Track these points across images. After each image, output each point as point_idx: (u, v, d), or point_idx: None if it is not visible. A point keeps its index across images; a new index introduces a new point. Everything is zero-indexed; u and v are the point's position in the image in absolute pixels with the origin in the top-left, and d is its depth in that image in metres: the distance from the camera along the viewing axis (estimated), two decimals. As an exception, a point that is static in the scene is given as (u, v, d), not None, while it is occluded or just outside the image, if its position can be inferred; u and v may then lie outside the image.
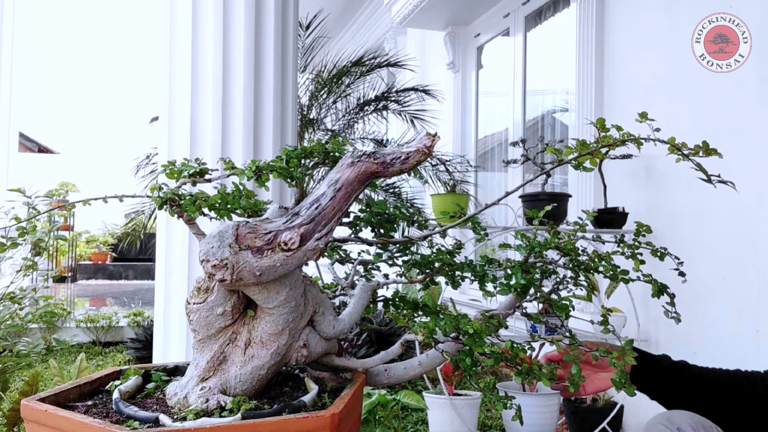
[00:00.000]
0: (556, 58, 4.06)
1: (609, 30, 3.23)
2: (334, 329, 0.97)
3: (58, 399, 0.87)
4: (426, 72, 5.32)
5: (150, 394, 0.93)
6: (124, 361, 4.66)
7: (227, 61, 2.01)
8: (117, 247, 11.58)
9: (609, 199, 2.90)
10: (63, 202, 6.67)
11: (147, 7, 8.36)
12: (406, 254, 1.08)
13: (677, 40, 2.70)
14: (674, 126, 2.54)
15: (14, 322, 2.40)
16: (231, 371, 0.88)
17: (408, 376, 1.05)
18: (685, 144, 1.15)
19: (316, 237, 0.83)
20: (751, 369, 1.28)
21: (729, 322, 2.39)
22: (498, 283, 1.06)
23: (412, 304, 1.10)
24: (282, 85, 2.13)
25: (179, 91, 2.02)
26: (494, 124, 4.95)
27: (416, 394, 2.34)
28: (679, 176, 2.66)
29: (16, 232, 1.06)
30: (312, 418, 0.78)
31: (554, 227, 1.15)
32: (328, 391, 0.93)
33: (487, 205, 1.18)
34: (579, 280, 1.13)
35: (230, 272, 0.80)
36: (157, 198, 0.93)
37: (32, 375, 2.34)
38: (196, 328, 0.89)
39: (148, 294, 7.58)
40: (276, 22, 2.09)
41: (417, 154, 0.85)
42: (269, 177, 1.01)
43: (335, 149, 1.04)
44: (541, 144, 3.29)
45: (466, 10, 4.86)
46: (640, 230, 1.20)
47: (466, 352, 0.93)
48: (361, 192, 0.88)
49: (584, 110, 3.29)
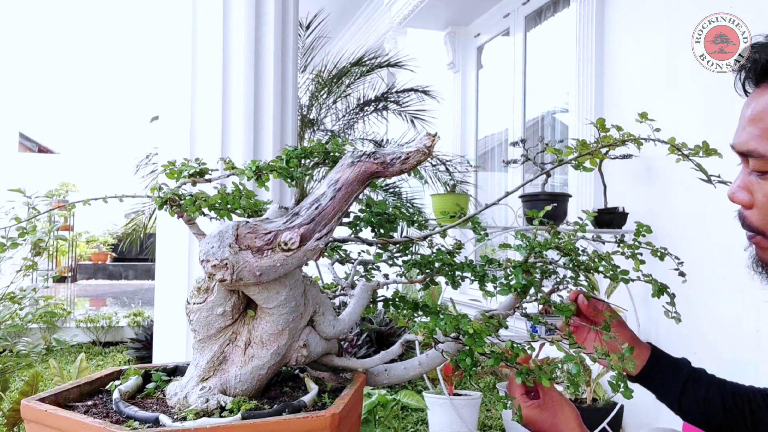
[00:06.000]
0: (556, 58, 4.06)
1: (609, 30, 3.23)
2: (334, 329, 0.97)
3: (58, 399, 0.87)
4: (426, 72, 5.33)
5: (150, 394, 0.93)
6: (124, 361, 4.66)
7: (227, 60, 2.01)
8: (117, 247, 11.59)
9: (609, 199, 2.90)
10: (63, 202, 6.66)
11: (147, 7, 8.36)
12: (406, 254, 1.08)
13: (677, 40, 2.70)
14: (674, 126, 2.54)
15: (14, 322, 2.41)
16: (231, 371, 0.88)
17: (408, 376, 1.05)
18: (685, 144, 1.15)
19: (316, 237, 0.83)
20: (750, 369, 1.26)
21: (729, 322, 2.39)
22: (498, 283, 1.06)
23: (412, 304, 1.10)
24: (282, 85, 2.13)
25: (179, 91, 2.02)
26: (494, 124, 4.95)
27: (416, 394, 2.34)
28: (679, 176, 2.66)
29: (16, 232, 1.06)
30: (312, 418, 0.78)
31: (554, 227, 1.15)
32: (328, 391, 0.93)
33: (487, 205, 1.18)
34: (579, 280, 1.13)
35: (230, 272, 0.80)
36: (157, 198, 0.93)
37: (32, 375, 2.34)
38: (196, 328, 0.89)
39: (148, 294, 7.58)
40: (276, 22, 2.09)
41: (417, 154, 0.85)
42: (269, 177, 1.01)
43: (335, 149, 1.04)
44: (541, 144, 3.29)
45: (466, 10, 4.86)
46: (640, 230, 1.20)
47: (466, 352, 0.93)
48: (361, 192, 0.88)
49: (584, 110, 3.29)
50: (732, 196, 0.96)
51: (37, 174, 11.86)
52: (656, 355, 1.21)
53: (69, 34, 11.50)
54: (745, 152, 0.93)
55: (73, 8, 9.18)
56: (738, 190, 0.96)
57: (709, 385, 1.17)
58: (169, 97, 2.05)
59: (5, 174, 9.06)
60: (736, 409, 1.14)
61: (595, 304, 1.19)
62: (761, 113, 0.90)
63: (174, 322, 1.97)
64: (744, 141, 0.92)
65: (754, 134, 0.90)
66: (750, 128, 0.91)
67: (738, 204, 0.96)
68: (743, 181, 0.95)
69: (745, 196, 0.94)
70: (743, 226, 0.97)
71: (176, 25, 2.04)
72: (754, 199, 0.93)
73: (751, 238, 0.97)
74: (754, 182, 0.93)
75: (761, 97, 0.91)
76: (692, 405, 1.16)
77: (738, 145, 0.94)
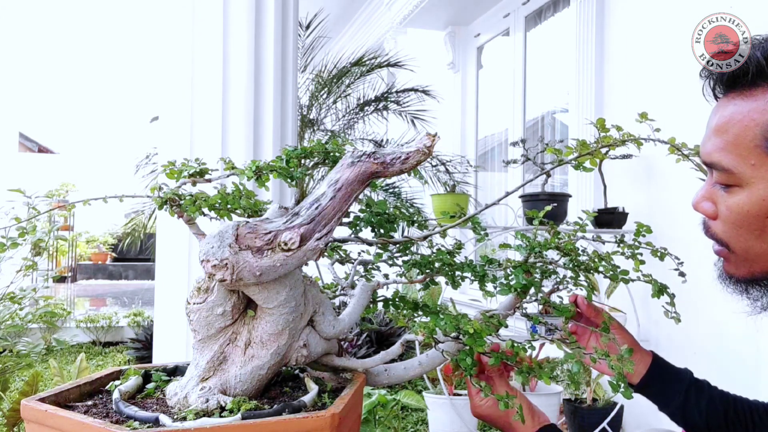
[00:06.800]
0: (555, 58, 4.06)
1: (609, 30, 3.23)
2: (334, 329, 0.97)
3: (58, 399, 0.87)
4: (426, 72, 5.32)
5: (150, 394, 0.93)
6: (124, 361, 4.66)
7: (227, 60, 2.01)
8: (117, 247, 11.59)
9: (609, 199, 2.90)
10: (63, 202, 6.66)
11: (147, 7, 8.37)
12: (406, 254, 1.08)
13: (677, 40, 2.69)
14: (674, 126, 2.54)
15: (14, 322, 2.40)
16: (231, 371, 0.88)
17: (408, 376, 1.05)
18: (685, 144, 1.15)
19: (316, 237, 0.83)
20: (750, 370, 1.26)
21: (729, 322, 2.39)
22: (498, 283, 1.06)
23: (412, 304, 1.10)
24: (282, 85, 2.13)
25: (179, 91, 2.02)
26: (494, 124, 4.94)
27: (416, 394, 2.34)
28: (679, 176, 2.66)
29: (16, 232, 1.06)
30: (312, 418, 0.78)
31: (554, 227, 1.15)
32: (328, 391, 0.93)
33: (487, 205, 1.18)
34: (579, 281, 1.13)
35: (230, 272, 0.80)
36: (157, 198, 0.93)
37: (32, 375, 2.34)
38: (196, 328, 0.89)
39: (148, 294, 7.58)
40: (276, 22, 2.09)
41: (417, 154, 0.85)
42: (269, 177, 1.01)
43: (335, 149, 1.04)
44: (541, 144, 3.29)
45: (466, 10, 4.86)
46: (640, 230, 1.20)
47: (466, 352, 0.93)
48: (361, 192, 0.88)
49: (584, 110, 3.29)
50: (696, 206, 0.95)
51: (37, 174, 11.86)
52: (658, 362, 1.19)
53: (69, 34, 11.50)
54: (709, 164, 0.91)
55: (73, 8, 9.19)
56: (702, 200, 0.94)
57: (712, 396, 1.15)
58: (169, 97, 2.05)
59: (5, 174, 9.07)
60: (738, 421, 1.12)
61: (594, 305, 1.19)
62: (725, 125, 0.87)
63: (174, 322, 1.97)
64: (708, 152, 0.90)
65: (718, 146, 0.88)
66: (715, 139, 0.89)
67: (702, 214, 0.95)
68: (708, 191, 0.93)
69: (709, 206, 0.93)
70: (707, 235, 0.96)
71: (176, 25, 2.04)
72: (718, 210, 0.91)
73: (717, 252, 0.97)
74: (719, 194, 0.91)
75: (727, 107, 0.88)
76: (694, 415, 1.15)
77: (703, 156, 0.92)
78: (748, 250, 0.90)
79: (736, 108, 0.87)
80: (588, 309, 1.18)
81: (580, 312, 1.20)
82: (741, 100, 0.87)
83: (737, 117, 0.86)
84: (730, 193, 0.89)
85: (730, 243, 0.91)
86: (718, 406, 1.14)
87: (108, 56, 13.69)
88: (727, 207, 0.89)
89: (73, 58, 14.08)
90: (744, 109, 0.86)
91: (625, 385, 0.95)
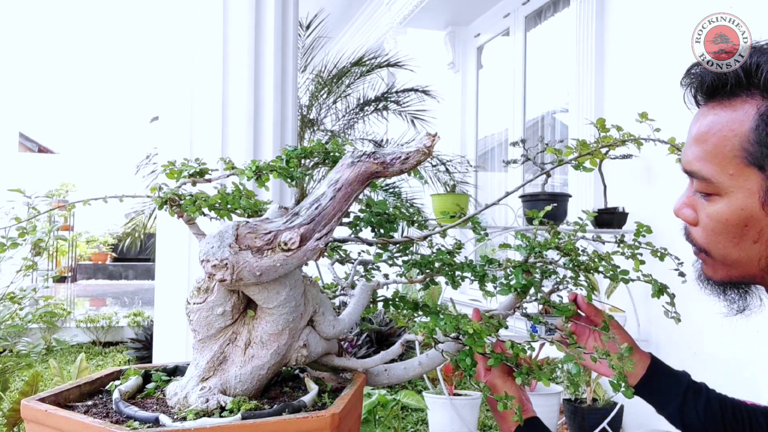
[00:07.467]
0: (555, 58, 4.06)
1: (608, 30, 3.24)
2: (334, 329, 0.97)
3: (58, 399, 0.87)
4: (426, 72, 5.33)
5: (150, 394, 0.93)
6: (124, 361, 4.66)
7: (227, 60, 2.01)
8: (117, 247, 11.59)
9: (609, 199, 2.90)
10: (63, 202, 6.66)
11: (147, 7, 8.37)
12: (406, 254, 1.08)
13: (677, 40, 2.69)
14: (674, 126, 2.53)
15: (14, 322, 2.41)
16: (231, 371, 0.88)
17: (408, 376, 1.05)
18: (684, 144, 1.15)
19: (316, 237, 0.83)
20: (750, 370, 1.25)
21: (729, 322, 2.39)
22: (498, 283, 1.06)
23: (412, 304, 1.10)
24: (282, 85, 2.13)
25: (179, 91, 2.02)
26: (494, 124, 4.95)
27: (416, 394, 2.34)
28: (679, 176, 2.66)
29: (16, 232, 1.06)
30: (312, 418, 0.78)
31: (554, 227, 1.15)
32: (328, 391, 0.93)
33: (487, 205, 1.18)
34: (579, 281, 1.13)
35: (230, 272, 0.80)
36: (157, 198, 0.93)
37: (32, 375, 2.34)
38: (196, 328, 0.89)
39: (148, 294, 7.57)
40: (276, 22, 2.09)
41: (417, 154, 0.85)
42: (269, 177, 1.01)
43: (335, 149, 1.04)
44: (541, 144, 3.29)
45: (466, 10, 4.86)
46: (640, 230, 1.20)
47: (466, 352, 0.93)
48: (361, 192, 0.88)
49: (584, 110, 3.29)
50: (677, 212, 0.97)
51: (37, 174, 11.86)
52: (656, 364, 1.19)
53: (69, 34, 11.50)
54: (689, 172, 0.92)
55: (73, 8, 9.19)
56: (683, 206, 0.95)
57: (710, 398, 1.15)
58: (169, 98, 2.05)
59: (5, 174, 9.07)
60: (736, 424, 1.12)
61: (594, 305, 1.19)
62: (705, 134, 0.88)
63: (174, 322, 1.97)
64: (689, 161, 0.91)
65: (698, 155, 0.89)
66: (695, 148, 0.90)
67: (682, 220, 0.96)
68: (688, 198, 0.95)
69: (690, 213, 0.94)
70: (687, 240, 0.98)
71: (176, 25, 2.04)
72: (698, 217, 0.93)
73: (696, 254, 0.98)
74: (699, 202, 0.92)
75: (707, 116, 0.89)
76: (692, 417, 1.14)
77: (683, 164, 0.93)
78: (726, 257, 0.91)
79: (715, 118, 0.87)
80: (588, 308, 1.18)
81: (580, 311, 1.20)
82: (720, 110, 0.87)
83: (716, 127, 0.87)
84: (710, 202, 0.90)
85: (710, 249, 0.93)
86: (715, 408, 1.14)
87: (108, 56, 13.69)
88: (707, 215, 0.91)
89: (74, 58, 14.08)
90: (723, 119, 0.86)
91: (626, 385, 0.95)
